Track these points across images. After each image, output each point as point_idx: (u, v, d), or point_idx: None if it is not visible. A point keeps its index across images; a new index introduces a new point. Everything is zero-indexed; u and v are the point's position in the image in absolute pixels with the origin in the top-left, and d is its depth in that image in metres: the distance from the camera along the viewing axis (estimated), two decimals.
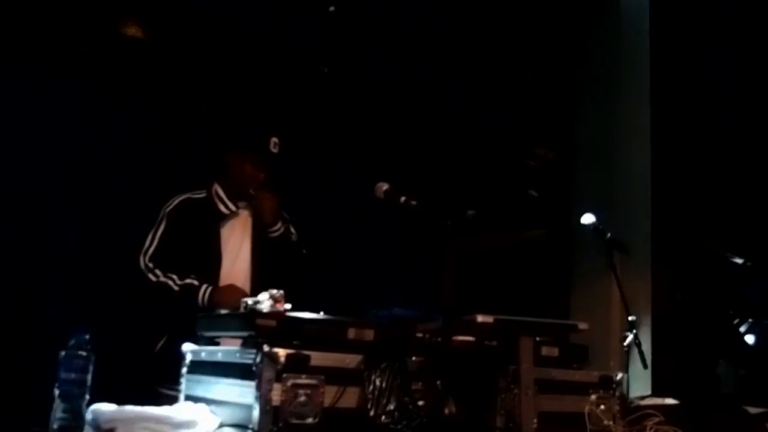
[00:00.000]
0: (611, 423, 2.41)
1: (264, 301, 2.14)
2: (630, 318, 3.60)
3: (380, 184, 2.71)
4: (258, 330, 2.05)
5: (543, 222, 5.91)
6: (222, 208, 3.35)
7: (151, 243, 3.19)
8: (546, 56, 6.33)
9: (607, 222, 4.14)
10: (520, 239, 5.72)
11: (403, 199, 2.65)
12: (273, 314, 2.12)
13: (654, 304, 5.52)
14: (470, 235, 2.53)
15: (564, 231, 5.77)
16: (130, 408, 1.93)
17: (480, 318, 2.20)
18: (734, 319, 5.90)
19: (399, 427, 2.07)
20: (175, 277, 3.13)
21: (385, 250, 4.43)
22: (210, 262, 3.25)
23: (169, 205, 3.27)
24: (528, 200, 5.37)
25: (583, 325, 2.46)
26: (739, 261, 5.86)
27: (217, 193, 3.35)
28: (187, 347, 2.33)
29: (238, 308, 2.66)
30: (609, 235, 3.85)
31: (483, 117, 5.68)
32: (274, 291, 2.28)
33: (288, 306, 2.21)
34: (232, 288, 3.16)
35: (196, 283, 3.13)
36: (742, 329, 5.78)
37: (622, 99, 6.04)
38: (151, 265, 3.14)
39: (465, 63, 5.59)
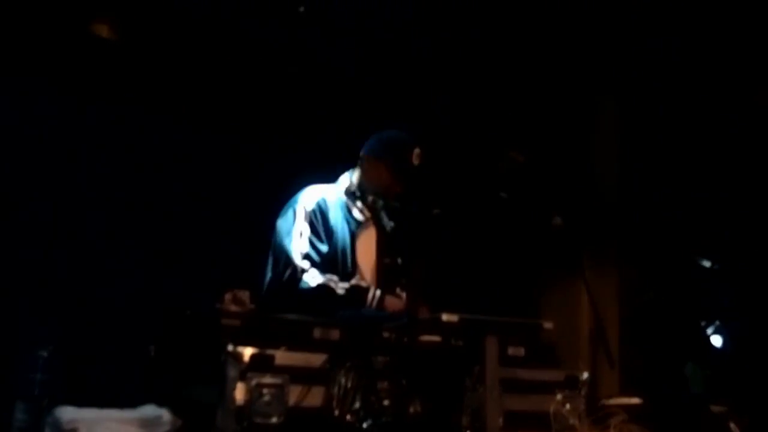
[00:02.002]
0: (576, 422, 2.42)
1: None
2: (599, 317, 3.63)
3: (348, 181, 2.71)
4: (222, 329, 2.04)
5: (513, 223, 5.94)
6: (357, 213, 3.10)
7: (298, 242, 2.93)
8: (520, 59, 6.36)
9: (575, 223, 4.17)
10: (490, 239, 5.74)
11: (362, 197, 2.69)
12: (237, 314, 2.12)
13: (622, 305, 5.56)
14: (436, 233, 2.52)
15: (533, 232, 5.80)
16: (92, 409, 1.91)
17: (445, 317, 2.21)
18: (702, 321, 5.96)
19: (364, 426, 2.07)
20: (335, 278, 2.90)
21: None
22: (345, 268, 2.99)
23: (306, 200, 3.03)
24: (498, 202, 5.39)
25: (548, 325, 2.47)
26: (707, 264, 5.93)
27: (353, 196, 3.11)
28: (152, 348, 2.31)
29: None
30: (576, 234, 3.88)
31: (454, 116, 5.71)
32: (239, 291, 2.27)
33: (252, 306, 2.21)
34: (398, 302, 2.91)
35: (364, 284, 2.93)
36: (709, 331, 5.85)
37: (595, 102, 6.09)
38: (307, 266, 2.89)
39: (442, 60, 5.61)
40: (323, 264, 2.88)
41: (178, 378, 2.16)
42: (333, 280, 2.87)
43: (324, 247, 2.92)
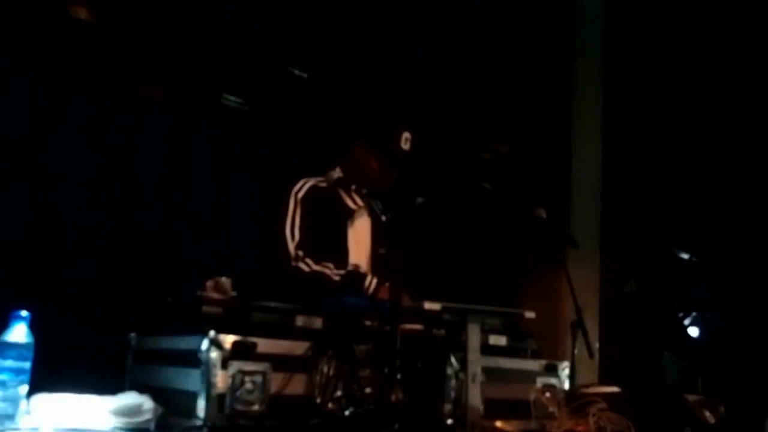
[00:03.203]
0: (556, 410, 2.44)
1: None
2: (579, 307, 3.66)
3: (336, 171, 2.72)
4: (204, 317, 2.04)
5: (495, 213, 5.96)
6: (350, 202, 3.09)
7: (292, 229, 2.91)
8: (503, 52, 6.37)
9: (558, 215, 4.20)
10: (472, 229, 5.75)
11: (354, 187, 2.66)
12: (219, 301, 2.11)
13: (602, 295, 5.61)
14: (419, 222, 2.52)
15: (515, 223, 5.83)
16: (70, 396, 1.90)
17: (427, 305, 2.22)
18: (679, 313, 6.03)
19: (346, 413, 2.07)
20: (331, 265, 2.88)
21: None
22: (337, 258, 2.97)
23: (299, 190, 3.00)
24: (481, 192, 5.42)
25: (529, 314, 2.49)
26: (686, 256, 5.98)
27: (343, 185, 3.09)
28: (132, 335, 2.30)
29: None
30: (558, 226, 3.90)
31: (438, 107, 5.70)
32: (221, 278, 2.27)
33: (234, 294, 2.21)
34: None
35: (361, 270, 2.91)
36: (687, 322, 5.92)
37: (576, 94, 6.12)
38: (301, 253, 2.87)
39: (426, 53, 5.60)
40: (317, 252, 2.87)
41: (160, 366, 2.15)
42: (328, 266, 2.86)
43: (317, 236, 2.89)
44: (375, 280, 2.89)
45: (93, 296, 3.19)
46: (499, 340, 2.56)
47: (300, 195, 2.98)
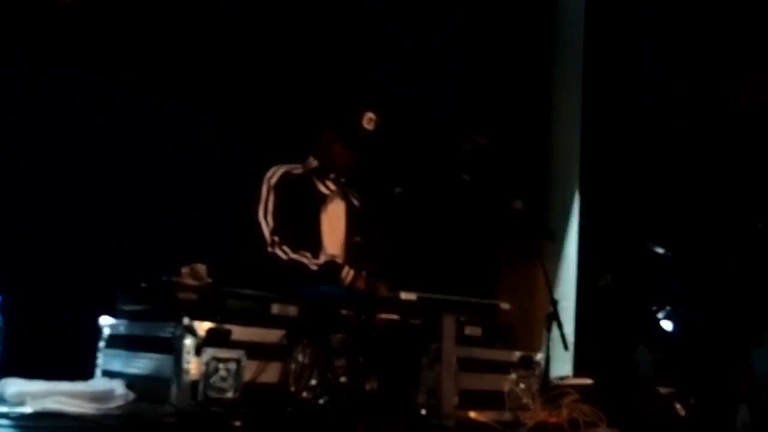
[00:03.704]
0: (530, 401, 2.45)
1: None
2: (555, 299, 3.67)
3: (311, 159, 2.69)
4: (179, 303, 2.02)
5: (473, 204, 5.97)
6: (322, 188, 3.08)
7: (266, 216, 2.89)
8: (484, 43, 6.37)
9: (536, 207, 4.21)
10: (450, 220, 5.75)
11: (328, 173, 2.65)
12: (194, 288, 2.09)
13: (578, 288, 5.64)
14: (397, 211, 2.53)
15: (493, 214, 5.84)
16: (40, 382, 1.87)
17: (403, 295, 2.21)
18: (653, 306, 6.08)
19: (320, 402, 2.06)
20: (308, 254, 2.87)
21: None
22: (311, 245, 2.96)
23: (272, 176, 2.99)
24: (460, 184, 5.42)
25: (504, 305, 2.50)
26: (661, 251, 6.03)
27: (315, 171, 3.08)
28: (105, 320, 2.27)
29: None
30: (536, 219, 3.91)
31: (419, 96, 5.69)
32: (197, 265, 2.25)
33: (210, 280, 2.19)
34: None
35: (338, 260, 2.89)
36: (660, 316, 5.97)
37: (556, 88, 6.14)
38: (277, 239, 2.85)
39: (404, 40, 5.58)
40: (292, 240, 2.86)
41: (132, 351, 2.13)
42: (306, 255, 2.85)
43: (290, 223, 2.88)
44: (352, 271, 2.88)
45: (65, 281, 3.14)
46: (474, 330, 2.56)
47: (273, 181, 2.96)
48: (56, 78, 3.73)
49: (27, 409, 1.78)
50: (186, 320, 1.95)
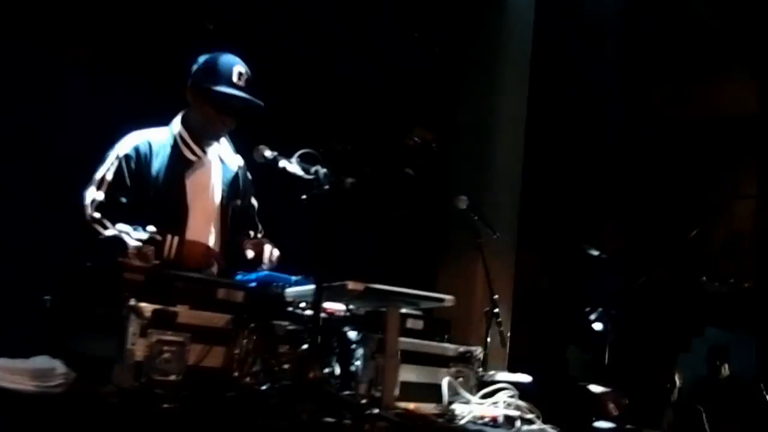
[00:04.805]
0: (468, 395, 2.50)
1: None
2: (494, 297, 3.75)
3: (260, 147, 2.67)
4: (125, 284, 2.00)
5: (417, 200, 6.02)
6: (188, 153, 2.85)
7: (99, 189, 2.68)
8: (435, 40, 6.43)
9: (477, 205, 4.27)
10: (394, 214, 5.80)
11: (282, 164, 2.63)
12: (141, 269, 2.08)
13: (516, 286, 5.76)
14: (347, 204, 2.52)
15: (437, 210, 5.91)
16: None
17: (351, 285, 2.23)
18: (586, 307, 6.23)
19: (263, 388, 2.07)
20: (129, 229, 2.59)
21: (262, 212, 4.38)
22: (172, 215, 2.78)
23: (122, 146, 2.76)
24: (404, 178, 5.47)
25: (449, 300, 2.53)
26: (595, 253, 6.19)
27: (180, 135, 2.85)
28: (48, 299, 2.24)
29: (208, 269, 2.55)
30: (478, 217, 3.98)
31: (367, 88, 5.71)
32: (144, 246, 2.23)
33: (157, 262, 2.18)
34: (201, 245, 2.75)
35: (158, 237, 2.59)
36: (592, 317, 6.12)
37: (504, 89, 6.23)
38: (98, 215, 2.64)
39: (352, 32, 5.59)
40: (139, 213, 2.65)
41: (74, 331, 2.10)
42: (125, 231, 2.60)
43: (131, 196, 2.71)
44: (177, 240, 2.70)
45: (9, 258, 3.08)
46: (416, 323, 2.60)
47: (121, 151, 2.76)
48: (4, 50, 3.64)
49: None
50: (132, 301, 1.94)
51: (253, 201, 3.15)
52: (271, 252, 2.82)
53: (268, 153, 2.61)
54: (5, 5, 3.68)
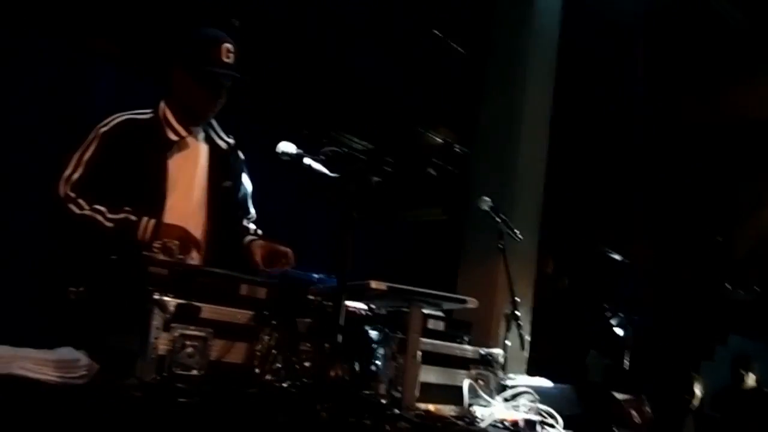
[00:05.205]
0: (488, 399, 2.49)
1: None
2: (515, 299, 3.73)
3: (284, 144, 2.66)
4: (149, 278, 2.01)
5: (439, 200, 6.02)
6: (170, 134, 2.75)
7: (76, 168, 2.59)
8: (458, 41, 6.42)
9: (500, 207, 4.25)
10: (416, 214, 5.80)
11: (306, 161, 2.63)
12: (165, 263, 2.08)
13: (537, 290, 5.73)
14: (372, 202, 2.50)
15: (458, 211, 5.89)
16: (6, 347, 1.86)
17: (373, 284, 2.23)
18: (607, 312, 6.19)
19: (283, 385, 2.07)
20: (103, 209, 2.54)
21: (282, 210, 4.39)
22: (151, 197, 2.68)
23: (104, 125, 2.67)
24: (426, 178, 5.46)
25: (472, 302, 2.52)
26: (618, 257, 6.15)
27: (164, 116, 2.76)
28: (72, 290, 2.25)
29: (185, 255, 2.43)
30: (501, 219, 3.95)
31: (389, 89, 5.71)
32: (169, 241, 2.24)
33: (182, 256, 2.18)
34: (179, 229, 2.59)
35: (133, 217, 2.55)
36: (614, 322, 6.08)
37: (527, 90, 6.19)
38: (73, 194, 2.54)
39: (374, 34, 5.60)
40: (116, 195, 2.58)
41: (98, 323, 2.11)
42: (100, 211, 2.54)
43: (109, 177, 2.60)
44: (152, 222, 2.57)
45: (34, 250, 3.10)
46: (437, 324, 2.59)
47: (102, 130, 2.67)
48: (32, 48, 3.65)
49: None
50: (156, 295, 1.94)
51: (246, 182, 3.05)
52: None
53: (292, 150, 2.62)
54: (37, 4, 3.71)
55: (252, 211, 3.10)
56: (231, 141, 2.96)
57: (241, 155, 3.02)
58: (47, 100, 3.70)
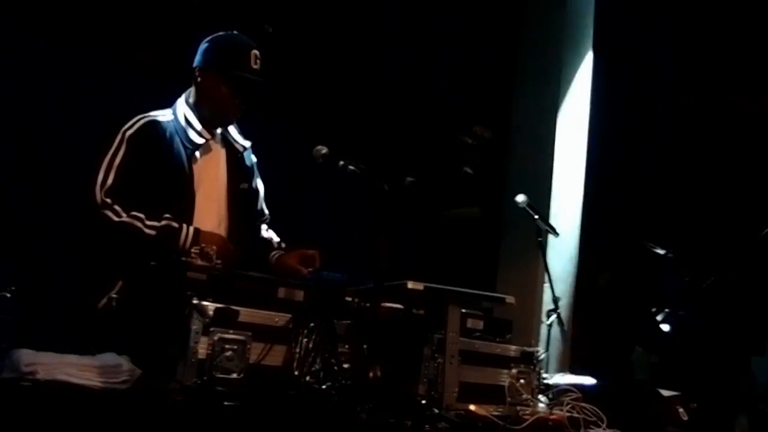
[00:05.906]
0: (530, 397, 2.47)
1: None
2: (555, 297, 3.69)
3: (319, 147, 2.67)
4: (188, 283, 2.03)
5: (476, 198, 5.98)
6: (194, 136, 2.76)
7: (108, 173, 2.57)
8: (490, 36, 6.38)
9: (538, 204, 4.22)
10: (453, 213, 5.77)
11: (341, 163, 2.64)
12: (204, 268, 2.11)
13: (577, 286, 5.65)
14: (406, 202, 2.50)
15: (496, 209, 5.85)
16: (50, 353, 1.89)
17: (410, 285, 2.22)
18: (652, 308, 6.09)
19: (323, 387, 2.08)
20: (142, 216, 2.54)
21: (320, 212, 4.40)
22: (180, 200, 2.68)
23: (129, 128, 2.67)
24: (463, 176, 5.44)
25: (510, 299, 2.50)
26: (661, 252, 6.04)
27: (186, 118, 2.77)
28: (114, 296, 2.29)
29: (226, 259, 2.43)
30: (539, 215, 3.93)
31: (424, 88, 5.70)
32: (206, 246, 2.26)
33: (219, 261, 2.20)
34: (217, 236, 2.63)
35: (175, 224, 2.56)
36: (659, 318, 5.98)
37: (563, 85, 6.13)
38: (109, 201, 2.52)
39: (408, 32, 5.59)
40: (145, 198, 2.58)
41: (139, 328, 2.14)
42: (139, 218, 2.54)
43: (140, 181, 2.61)
44: (192, 230, 2.57)
45: (74, 257, 3.14)
46: (476, 323, 2.57)
47: (129, 133, 2.66)
48: (71, 57, 3.70)
49: (37, 379, 1.80)
50: (195, 300, 1.96)
51: (259, 184, 3.07)
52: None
53: (326, 151, 2.63)
54: (72, 11, 3.77)
55: (266, 212, 3.13)
56: (247, 144, 2.98)
57: (254, 157, 3.05)
58: (85, 108, 3.75)
